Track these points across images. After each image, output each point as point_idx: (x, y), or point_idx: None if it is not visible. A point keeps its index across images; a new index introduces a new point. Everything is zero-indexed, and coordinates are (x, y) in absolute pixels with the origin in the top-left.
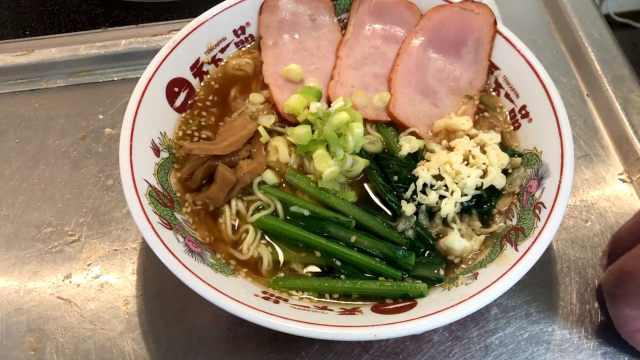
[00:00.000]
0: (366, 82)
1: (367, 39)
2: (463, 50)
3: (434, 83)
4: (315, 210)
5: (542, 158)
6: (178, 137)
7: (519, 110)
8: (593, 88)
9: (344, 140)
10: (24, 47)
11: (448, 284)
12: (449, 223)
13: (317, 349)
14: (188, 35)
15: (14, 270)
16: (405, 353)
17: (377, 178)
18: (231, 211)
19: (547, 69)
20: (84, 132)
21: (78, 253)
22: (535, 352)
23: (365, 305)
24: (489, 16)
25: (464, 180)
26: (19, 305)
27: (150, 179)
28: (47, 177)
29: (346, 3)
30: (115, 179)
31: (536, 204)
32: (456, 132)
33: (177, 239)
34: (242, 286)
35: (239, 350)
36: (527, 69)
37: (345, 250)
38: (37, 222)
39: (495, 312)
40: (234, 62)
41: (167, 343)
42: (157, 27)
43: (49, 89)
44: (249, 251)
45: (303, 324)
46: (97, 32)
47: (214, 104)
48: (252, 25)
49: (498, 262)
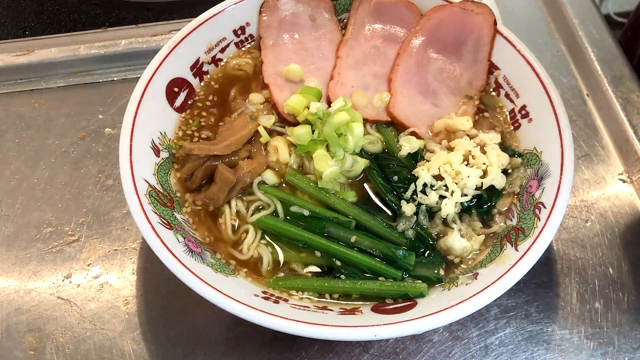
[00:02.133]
0: (366, 82)
1: (367, 39)
2: (463, 50)
3: (434, 83)
4: (315, 210)
5: (542, 158)
6: (178, 137)
7: (519, 110)
8: (593, 88)
9: (344, 140)
10: (24, 47)
11: (448, 284)
12: (449, 223)
13: (317, 349)
14: (188, 35)
15: (14, 270)
16: (405, 353)
17: (377, 178)
18: (231, 211)
19: (547, 69)
20: (84, 132)
21: (78, 253)
22: (535, 352)
23: (365, 305)
24: (489, 16)
25: (464, 180)
26: (19, 305)
27: (150, 179)
28: (47, 177)
29: (346, 3)
30: (115, 179)
31: (536, 204)
32: (456, 132)
33: (177, 239)
34: (242, 286)
35: (239, 350)
36: (527, 69)
37: (345, 250)
38: (37, 222)
39: (495, 312)
40: (234, 62)
41: (167, 343)
42: (157, 27)
43: (49, 89)
44: (249, 251)
45: (303, 324)
46: (97, 32)
47: (214, 104)
48: (252, 25)
49: (498, 262)
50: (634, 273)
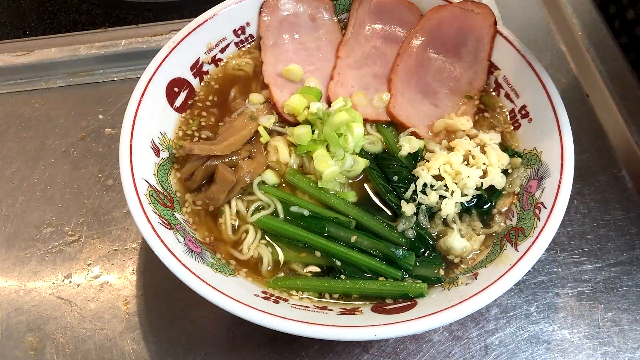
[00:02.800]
0: (366, 82)
1: (367, 39)
2: (463, 51)
3: (434, 83)
4: (315, 210)
5: (542, 158)
6: (178, 137)
7: (519, 110)
8: (593, 88)
9: (344, 140)
10: (24, 47)
11: (448, 284)
12: (449, 223)
13: (317, 349)
14: (188, 35)
15: (14, 270)
16: (405, 353)
17: (377, 178)
18: (231, 211)
19: (547, 69)
20: (84, 132)
21: (78, 253)
22: (535, 352)
23: (365, 305)
24: (489, 16)
25: (464, 180)
26: (19, 305)
27: (150, 179)
28: (47, 177)
29: (346, 3)
30: (115, 179)
31: (536, 204)
32: (456, 132)
33: (177, 239)
34: (242, 286)
35: (239, 350)
36: (527, 69)
37: (345, 250)
38: (37, 222)
39: (495, 312)
40: (234, 62)
41: (167, 343)
42: (157, 27)
43: (49, 89)
44: (249, 251)
45: (303, 324)
46: (97, 32)
47: (214, 104)
48: (252, 25)
49: (498, 262)
50: (634, 273)
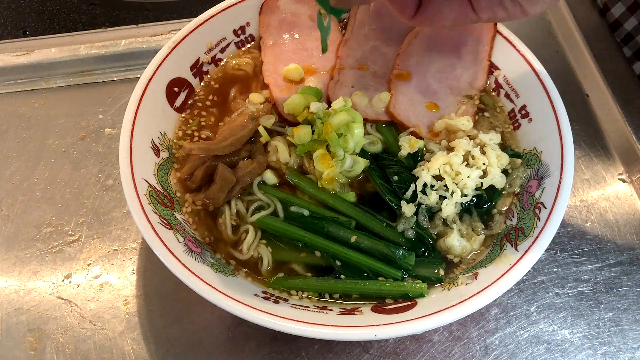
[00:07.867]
0: (366, 82)
1: (367, 39)
2: (463, 51)
3: (434, 83)
4: (315, 211)
5: (542, 158)
6: (178, 137)
7: (519, 110)
8: (593, 88)
9: (344, 140)
10: (24, 47)
11: (448, 284)
12: (449, 223)
13: (317, 349)
14: (188, 35)
15: (14, 270)
16: (405, 353)
17: (377, 178)
18: (231, 211)
19: (547, 69)
20: (84, 132)
21: (78, 253)
22: (535, 352)
23: (365, 305)
24: None
25: (464, 180)
26: (19, 305)
27: (150, 179)
28: (47, 177)
29: None
30: (115, 179)
31: (536, 204)
32: (456, 132)
33: (177, 239)
34: (242, 286)
35: (239, 350)
36: (527, 69)
37: (345, 250)
38: (37, 222)
39: (495, 312)
40: (234, 62)
41: (167, 343)
42: (157, 27)
43: (49, 89)
44: (249, 251)
45: (303, 324)
46: (97, 32)
47: (214, 104)
48: (252, 25)
49: (498, 262)
50: (634, 273)
